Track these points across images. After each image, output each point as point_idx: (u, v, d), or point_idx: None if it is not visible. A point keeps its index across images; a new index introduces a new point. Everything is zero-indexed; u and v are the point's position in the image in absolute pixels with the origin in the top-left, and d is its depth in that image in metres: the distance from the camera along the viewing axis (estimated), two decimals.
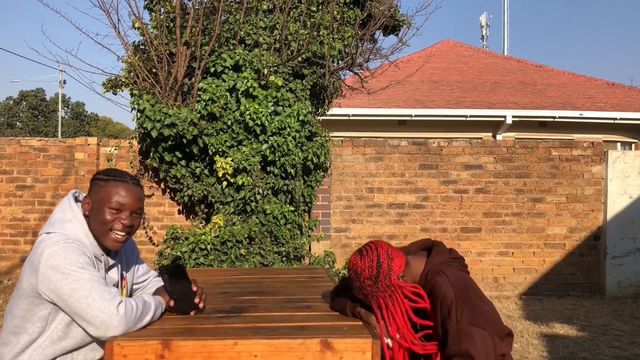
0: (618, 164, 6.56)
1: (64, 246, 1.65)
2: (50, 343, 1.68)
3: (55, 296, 1.62)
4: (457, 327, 1.68)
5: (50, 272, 1.61)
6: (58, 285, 1.60)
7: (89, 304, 1.58)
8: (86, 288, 1.60)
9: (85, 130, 46.99)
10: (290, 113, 5.48)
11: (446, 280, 1.76)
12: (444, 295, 1.73)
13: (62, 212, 1.78)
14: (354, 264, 1.76)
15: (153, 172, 6.08)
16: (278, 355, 1.54)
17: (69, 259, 1.63)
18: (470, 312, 1.70)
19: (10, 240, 6.37)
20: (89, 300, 1.59)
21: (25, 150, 6.35)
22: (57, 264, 1.61)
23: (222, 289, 2.34)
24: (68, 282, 1.60)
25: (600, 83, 12.58)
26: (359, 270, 1.74)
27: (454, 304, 1.71)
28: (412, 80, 11.24)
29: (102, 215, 1.75)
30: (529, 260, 6.65)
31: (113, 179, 1.78)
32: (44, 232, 1.73)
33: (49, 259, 1.62)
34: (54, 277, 1.61)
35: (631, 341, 4.84)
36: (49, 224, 1.76)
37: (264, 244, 5.37)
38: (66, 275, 1.60)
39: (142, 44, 5.73)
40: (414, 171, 6.59)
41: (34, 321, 1.68)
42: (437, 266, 1.81)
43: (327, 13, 5.64)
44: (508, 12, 20.98)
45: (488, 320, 1.71)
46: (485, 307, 1.74)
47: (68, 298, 1.60)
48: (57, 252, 1.63)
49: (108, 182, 1.77)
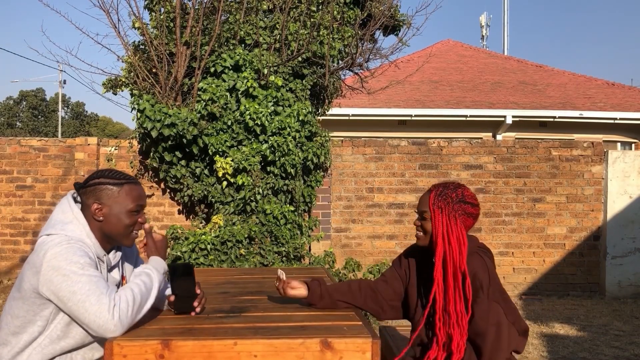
0: (618, 164, 6.56)
1: (66, 247, 1.66)
2: (49, 342, 1.68)
3: (56, 298, 1.63)
4: (488, 301, 1.74)
5: (51, 273, 1.62)
6: (58, 287, 1.61)
7: (86, 309, 1.59)
8: (84, 292, 1.60)
9: (85, 130, 46.98)
10: (290, 113, 5.48)
11: (482, 261, 1.85)
12: (477, 272, 1.79)
13: (63, 214, 1.78)
14: (444, 182, 1.94)
15: (153, 172, 6.08)
16: (278, 355, 1.54)
17: (70, 260, 1.63)
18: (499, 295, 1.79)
19: (10, 240, 6.37)
20: (86, 304, 1.59)
21: (25, 150, 6.35)
22: (59, 265, 1.62)
23: (222, 289, 2.34)
24: (67, 284, 1.61)
25: (600, 83, 12.57)
26: (448, 184, 1.92)
27: (487, 281, 1.78)
28: (412, 80, 11.24)
29: (124, 219, 1.79)
30: (529, 260, 6.65)
31: (126, 182, 1.83)
32: (44, 234, 1.73)
33: (51, 260, 1.63)
34: (55, 279, 1.61)
35: (631, 341, 4.84)
36: (50, 225, 1.76)
37: (264, 244, 5.37)
38: (66, 278, 1.61)
39: (142, 44, 5.73)
40: (414, 171, 6.59)
41: (35, 321, 1.68)
42: (474, 248, 1.90)
43: (327, 13, 5.64)
44: (508, 12, 20.99)
45: (511, 310, 1.78)
46: (508, 297, 1.83)
47: (67, 301, 1.61)
48: (60, 253, 1.64)
49: (122, 186, 1.81)
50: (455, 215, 1.84)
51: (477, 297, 1.76)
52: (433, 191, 1.90)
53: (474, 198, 1.91)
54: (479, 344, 1.73)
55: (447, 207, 1.85)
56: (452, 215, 1.84)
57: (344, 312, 1.95)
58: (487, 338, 1.72)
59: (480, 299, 1.76)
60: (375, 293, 2.03)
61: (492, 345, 1.71)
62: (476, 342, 1.75)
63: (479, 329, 1.74)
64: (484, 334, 1.73)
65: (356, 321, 1.80)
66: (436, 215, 1.85)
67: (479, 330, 1.74)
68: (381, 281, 2.08)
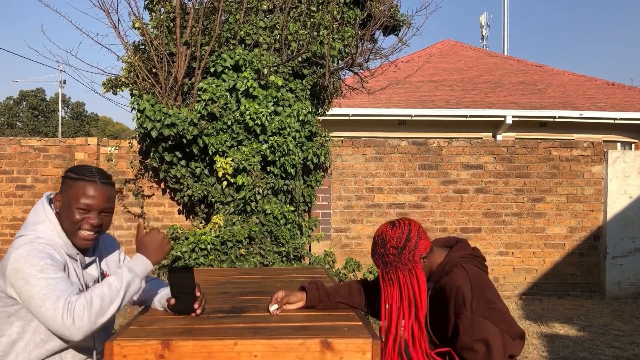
0: (618, 164, 6.56)
1: (28, 249, 1.65)
2: (34, 346, 1.68)
3: (20, 300, 1.64)
4: (472, 317, 1.70)
5: (14, 275, 1.63)
6: (20, 290, 1.62)
7: (43, 313, 1.58)
8: (40, 296, 1.58)
9: (85, 130, 46.99)
10: (290, 113, 5.48)
11: (464, 273, 1.79)
12: (459, 286, 1.75)
13: (36, 215, 1.79)
14: (384, 232, 1.79)
15: (153, 172, 6.08)
16: (278, 355, 1.54)
17: (30, 263, 1.62)
18: (484, 307, 1.73)
19: (10, 241, 6.37)
20: (42, 309, 1.58)
21: (25, 150, 6.35)
22: (19, 268, 1.62)
23: (222, 289, 2.34)
24: (27, 288, 1.61)
25: (600, 83, 12.57)
26: (387, 238, 1.77)
27: (469, 296, 1.74)
28: (412, 80, 11.24)
29: (70, 215, 1.75)
30: (529, 260, 6.64)
31: (82, 178, 1.77)
32: (17, 236, 1.74)
33: (14, 263, 1.64)
34: (17, 282, 1.62)
35: (631, 341, 4.84)
36: (23, 227, 1.77)
37: (264, 244, 5.37)
38: (25, 282, 1.61)
39: (142, 44, 5.73)
40: (414, 171, 6.58)
41: (11, 322, 1.68)
42: (456, 259, 1.84)
43: (327, 13, 5.64)
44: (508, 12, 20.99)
45: (501, 317, 1.73)
46: (500, 304, 1.77)
47: (28, 305, 1.62)
48: (21, 255, 1.64)
49: (77, 181, 1.77)
50: (410, 267, 1.76)
51: (460, 314, 1.74)
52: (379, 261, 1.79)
53: (419, 233, 1.78)
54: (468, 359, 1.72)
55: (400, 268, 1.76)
56: (407, 268, 1.75)
57: (344, 312, 1.95)
58: (475, 353, 1.70)
59: (464, 315, 1.73)
60: (375, 294, 2.03)
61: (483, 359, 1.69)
62: (464, 357, 1.73)
63: (464, 344, 1.72)
64: (470, 349, 1.71)
65: (356, 321, 1.79)
66: (392, 277, 1.77)
67: (465, 345, 1.72)
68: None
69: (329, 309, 1.97)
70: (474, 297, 1.73)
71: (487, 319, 1.70)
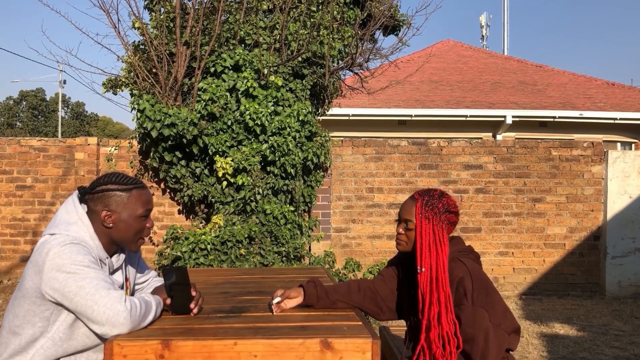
0: (618, 164, 6.55)
1: (70, 246, 1.65)
2: (52, 344, 1.67)
3: (60, 295, 1.62)
4: (473, 307, 1.72)
5: (55, 271, 1.61)
6: (64, 284, 1.60)
7: (96, 301, 1.58)
8: (93, 285, 1.60)
9: (85, 130, 46.99)
10: (290, 113, 5.48)
11: (463, 266, 1.83)
12: (460, 278, 1.78)
13: (67, 214, 1.78)
14: (428, 190, 1.93)
15: (153, 172, 6.08)
16: (278, 355, 1.54)
17: (75, 259, 1.63)
18: (484, 299, 1.76)
19: (10, 240, 6.37)
20: (95, 297, 1.59)
21: (25, 150, 6.35)
22: (63, 264, 1.62)
23: (222, 289, 2.34)
24: (74, 280, 1.60)
25: (600, 83, 12.57)
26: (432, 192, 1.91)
27: (470, 287, 1.76)
28: (412, 80, 11.24)
29: (136, 224, 1.79)
30: (529, 260, 6.64)
31: (134, 187, 1.81)
32: (47, 233, 1.73)
33: (55, 259, 1.62)
34: (60, 277, 1.61)
35: (631, 341, 4.84)
36: (54, 225, 1.75)
37: (264, 244, 5.37)
38: (72, 274, 1.61)
39: (142, 44, 5.73)
40: (414, 171, 6.58)
41: (34, 322, 1.67)
42: (454, 253, 1.88)
43: (327, 13, 5.64)
44: (508, 12, 20.99)
45: (497, 311, 1.75)
46: (497, 297, 1.81)
47: (74, 296, 1.60)
48: (63, 252, 1.63)
49: (131, 191, 1.79)
50: (442, 226, 1.83)
51: (461, 304, 1.75)
52: (419, 200, 1.87)
53: (457, 206, 1.91)
54: (468, 350, 1.73)
55: (434, 218, 1.83)
56: (439, 226, 1.83)
57: (344, 312, 1.95)
58: (476, 344, 1.71)
59: (465, 306, 1.75)
60: (375, 294, 2.04)
61: (481, 350, 1.70)
62: (465, 349, 1.74)
63: (466, 335, 1.73)
64: (472, 340, 1.72)
65: (356, 321, 1.80)
66: (423, 225, 1.82)
67: (466, 336, 1.73)
68: (379, 280, 2.08)
69: (327, 308, 1.97)
70: (475, 288, 1.75)
71: (486, 310, 1.73)
